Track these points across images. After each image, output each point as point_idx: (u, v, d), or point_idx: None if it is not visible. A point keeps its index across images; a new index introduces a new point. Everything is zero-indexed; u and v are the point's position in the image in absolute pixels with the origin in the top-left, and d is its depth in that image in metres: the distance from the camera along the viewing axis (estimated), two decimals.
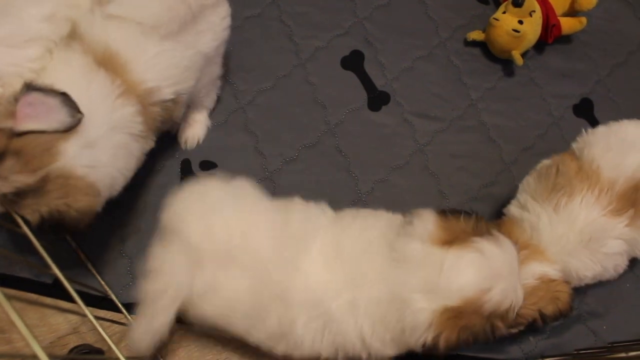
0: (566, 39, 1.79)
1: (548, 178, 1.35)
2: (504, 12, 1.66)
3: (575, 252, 1.28)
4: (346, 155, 1.56)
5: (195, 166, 1.49)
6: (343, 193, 1.53)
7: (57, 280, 1.29)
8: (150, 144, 1.21)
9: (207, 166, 1.49)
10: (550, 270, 1.27)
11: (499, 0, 1.78)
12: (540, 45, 1.75)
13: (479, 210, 1.54)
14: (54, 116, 1.00)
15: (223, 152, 1.51)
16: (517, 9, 1.63)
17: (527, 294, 1.20)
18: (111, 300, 1.32)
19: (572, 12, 1.73)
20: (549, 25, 1.67)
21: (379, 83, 1.66)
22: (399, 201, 1.54)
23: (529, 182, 1.40)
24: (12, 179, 0.99)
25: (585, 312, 1.50)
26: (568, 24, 1.73)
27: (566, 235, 1.28)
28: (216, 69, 1.42)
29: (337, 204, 1.48)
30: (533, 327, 1.32)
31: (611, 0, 1.87)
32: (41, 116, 1.00)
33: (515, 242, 1.15)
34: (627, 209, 1.27)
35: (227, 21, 1.34)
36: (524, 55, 1.69)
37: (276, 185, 1.50)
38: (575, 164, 1.34)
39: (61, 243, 1.34)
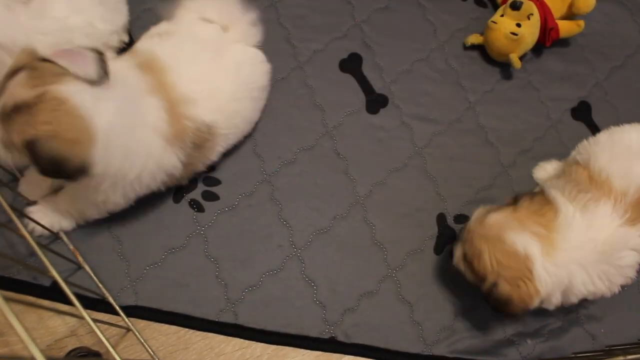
0: (564, 42, 1.80)
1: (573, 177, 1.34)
2: (502, 15, 1.66)
3: (589, 264, 1.24)
4: (344, 158, 1.56)
5: None
6: (341, 196, 1.52)
7: (55, 283, 1.30)
8: (173, 159, 1.23)
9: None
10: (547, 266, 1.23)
11: (497, 4, 1.78)
12: (538, 49, 1.75)
13: None
14: (83, 64, 1.05)
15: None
16: (515, 12, 1.63)
17: None
18: (109, 303, 1.32)
19: (570, 16, 1.74)
20: (547, 28, 1.68)
21: (377, 86, 1.66)
22: (397, 204, 1.54)
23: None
24: (15, 91, 1.01)
25: (583, 315, 1.50)
26: (566, 27, 1.73)
27: (593, 242, 1.24)
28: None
29: (334, 207, 1.49)
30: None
31: (609, 3, 1.88)
32: (73, 58, 1.05)
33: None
34: None
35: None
36: (522, 58, 1.70)
37: (274, 187, 1.50)
38: (587, 173, 1.33)
39: (59, 245, 1.34)
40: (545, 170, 1.58)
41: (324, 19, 1.72)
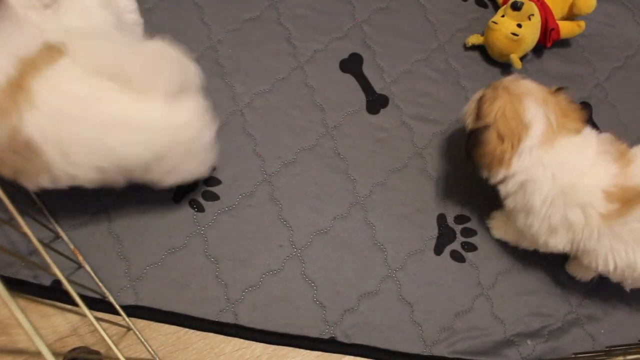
0: (565, 43, 1.79)
1: None
2: (503, 16, 1.66)
3: (558, 174, 1.27)
4: (345, 158, 1.56)
5: None
6: (341, 196, 1.52)
7: (55, 282, 1.30)
8: None
9: None
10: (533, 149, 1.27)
11: (497, 4, 1.78)
12: (539, 49, 1.75)
13: (478, 213, 1.55)
14: None
15: (221, 154, 1.50)
16: (515, 13, 1.62)
17: None
18: (109, 303, 1.32)
19: (570, 16, 1.73)
20: (548, 29, 1.67)
21: (378, 86, 1.66)
22: (397, 204, 1.54)
23: None
24: None
25: (583, 316, 1.50)
26: (567, 28, 1.73)
27: (575, 165, 1.27)
28: None
29: (335, 207, 1.49)
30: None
31: (610, 4, 1.87)
32: None
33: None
34: None
35: None
36: (522, 59, 1.70)
37: (274, 187, 1.50)
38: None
39: (59, 245, 1.34)
40: None
41: (324, 19, 1.72)
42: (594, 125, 1.70)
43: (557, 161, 1.26)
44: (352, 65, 1.67)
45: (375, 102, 1.64)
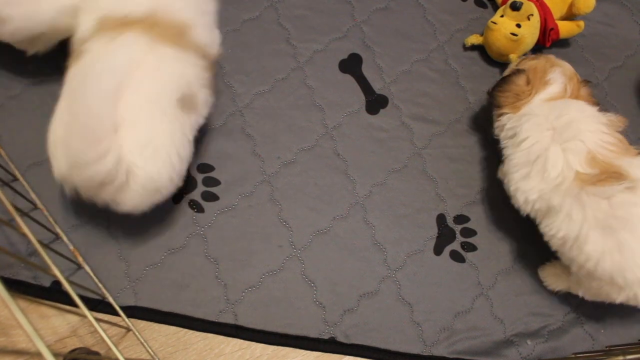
0: (564, 43, 1.80)
1: None
2: (502, 16, 1.66)
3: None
4: (344, 158, 1.56)
5: (192, 169, 1.49)
6: (341, 196, 1.52)
7: (55, 283, 1.30)
8: None
9: (205, 169, 1.49)
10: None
11: (497, 4, 1.78)
12: (538, 49, 1.75)
13: (477, 216, 1.55)
14: None
15: (221, 155, 1.51)
16: (515, 13, 1.63)
17: None
18: (109, 303, 1.32)
19: (570, 16, 1.73)
20: (547, 29, 1.68)
21: (377, 86, 1.66)
22: (397, 205, 1.54)
23: None
24: None
25: (582, 315, 1.50)
26: (566, 28, 1.73)
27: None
28: None
29: (334, 207, 1.49)
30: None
31: (609, 3, 1.88)
32: None
33: None
34: None
35: None
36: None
37: (274, 188, 1.50)
38: None
39: (59, 246, 1.34)
40: None
41: (323, 20, 1.72)
42: None
43: (560, 108, 1.38)
44: (351, 65, 1.67)
45: (375, 103, 1.64)
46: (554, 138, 1.34)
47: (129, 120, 1.13)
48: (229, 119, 1.56)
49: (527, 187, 1.36)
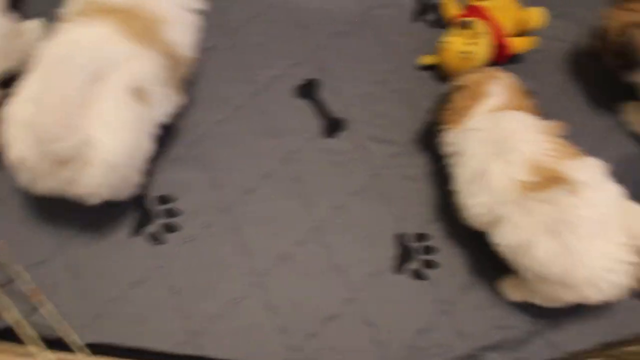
0: (517, 59, 1.82)
1: None
2: (454, 35, 1.68)
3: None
4: (303, 183, 1.58)
5: (152, 201, 1.50)
6: (301, 221, 1.54)
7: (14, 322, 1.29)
8: None
9: (165, 200, 1.50)
10: None
11: (449, 24, 1.81)
12: (492, 66, 1.76)
13: (438, 233, 1.57)
14: None
15: (180, 185, 1.53)
16: (466, 31, 1.65)
17: None
18: (70, 341, 1.32)
19: (521, 32, 1.76)
20: (499, 45, 1.70)
21: (334, 109, 1.68)
22: (356, 226, 1.56)
23: None
24: None
25: (544, 324, 1.51)
26: (518, 44, 1.76)
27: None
28: None
29: (295, 232, 1.50)
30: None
31: (560, 19, 1.90)
32: None
33: None
34: None
35: None
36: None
37: (234, 216, 1.51)
38: None
39: (19, 285, 1.34)
40: None
41: (280, 46, 1.74)
42: None
43: (501, 122, 1.41)
44: (308, 90, 1.69)
45: (332, 126, 1.66)
46: (495, 151, 1.37)
47: (94, 100, 1.22)
48: (188, 148, 1.57)
49: (474, 202, 1.39)
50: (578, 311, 1.51)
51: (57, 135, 1.16)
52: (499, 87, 1.48)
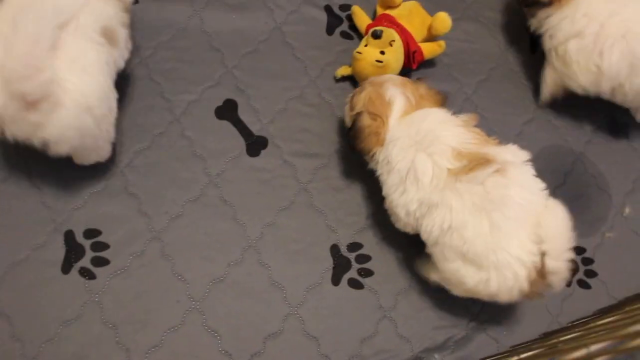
0: (430, 63, 1.86)
1: None
2: (366, 45, 1.71)
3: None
4: (231, 204, 1.57)
5: (79, 236, 1.47)
6: (233, 242, 1.53)
7: None
8: None
9: (92, 234, 1.47)
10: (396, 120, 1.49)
11: (361, 34, 1.84)
12: (406, 72, 1.79)
13: (370, 238, 1.59)
14: None
15: (106, 217, 1.50)
16: (377, 41, 1.67)
17: None
18: None
19: (430, 38, 1.80)
20: (411, 52, 1.73)
21: (255, 128, 1.67)
22: (289, 242, 1.55)
23: None
24: None
25: (485, 322, 1.55)
26: (428, 49, 1.80)
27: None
28: None
29: (228, 254, 1.49)
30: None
31: (466, 22, 1.96)
32: None
33: None
34: None
35: None
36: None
37: (164, 243, 1.49)
38: None
39: None
40: None
41: (195, 70, 1.73)
42: None
43: (416, 122, 1.43)
44: (227, 111, 1.69)
45: (255, 145, 1.65)
46: (417, 149, 1.39)
47: (62, 42, 1.26)
48: (111, 180, 1.54)
49: (405, 200, 1.41)
50: (517, 305, 1.55)
51: (23, 74, 1.18)
52: (394, 88, 1.50)
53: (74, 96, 1.27)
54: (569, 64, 1.70)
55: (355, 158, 1.58)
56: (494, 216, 1.29)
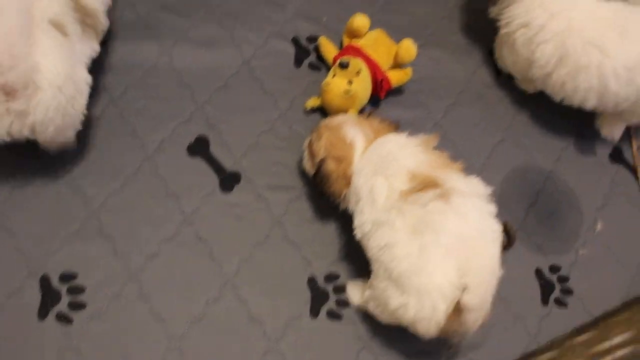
0: (398, 91, 1.88)
1: None
2: (334, 76, 1.72)
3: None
4: (207, 241, 1.57)
5: (55, 280, 1.46)
6: (210, 279, 1.53)
7: None
8: None
9: (67, 278, 1.46)
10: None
11: (329, 65, 1.85)
12: (375, 101, 1.82)
13: (346, 268, 1.60)
14: None
15: (81, 260, 1.49)
16: (344, 71, 1.69)
17: None
18: None
19: (397, 65, 1.82)
20: (378, 80, 1.75)
21: (228, 164, 1.68)
22: (266, 276, 1.56)
23: None
24: None
25: (463, 347, 1.55)
26: (395, 77, 1.82)
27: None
28: None
29: (205, 291, 1.49)
30: None
31: (431, 49, 1.98)
32: None
33: None
34: None
35: None
36: (361, 112, 1.76)
37: (141, 284, 1.49)
38: None
39: None
40: None
41: (165, 107, 1.73)
42: None
43: (377, 149, 1.48)
44: (199, 147, 1.69)
45: (228, 180, 1.66)
46: (376, 173, 1.42)
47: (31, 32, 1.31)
48: (84, 222, 1.54)
49: (360, 221, 1.43)
50: (496, 327, 1.56)
51: (7, 65, 1.24)
52: (351, 127, 1.54)
53: (47, 77, 1.32)
54: (515, 53, 1.82)
55: (325, 200, 1.59)
56: (425, 239, 1.29)
